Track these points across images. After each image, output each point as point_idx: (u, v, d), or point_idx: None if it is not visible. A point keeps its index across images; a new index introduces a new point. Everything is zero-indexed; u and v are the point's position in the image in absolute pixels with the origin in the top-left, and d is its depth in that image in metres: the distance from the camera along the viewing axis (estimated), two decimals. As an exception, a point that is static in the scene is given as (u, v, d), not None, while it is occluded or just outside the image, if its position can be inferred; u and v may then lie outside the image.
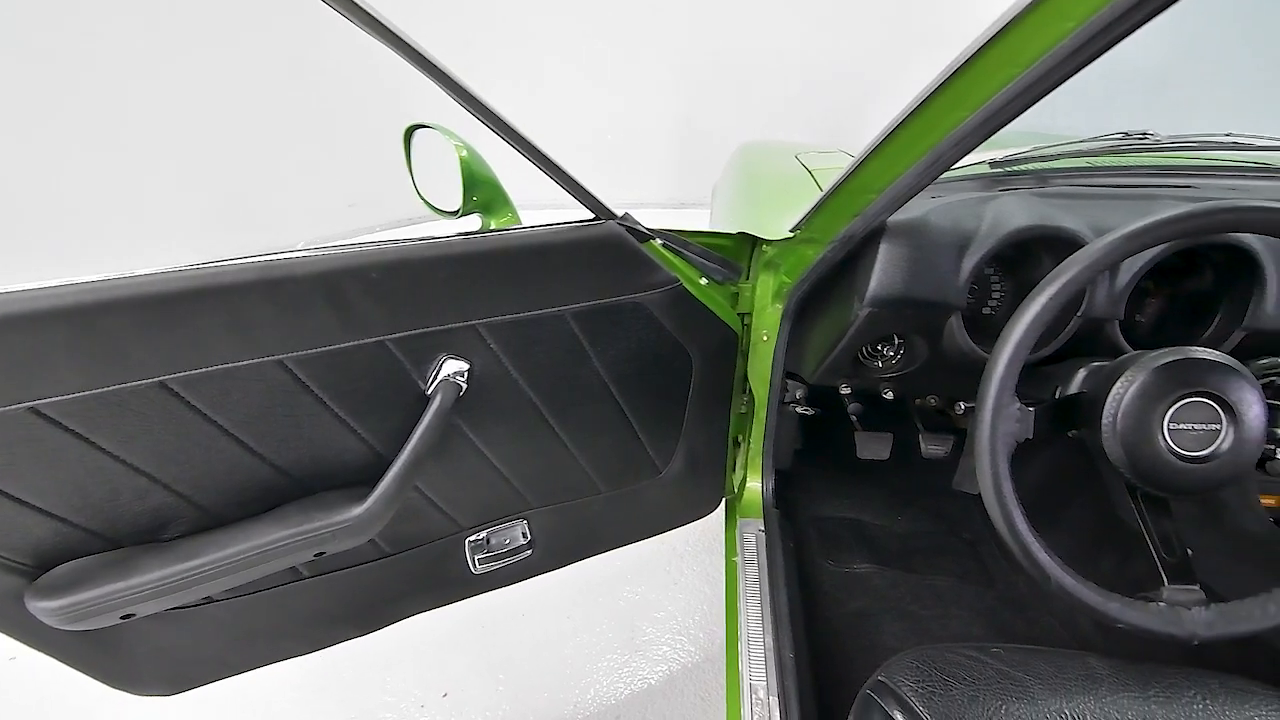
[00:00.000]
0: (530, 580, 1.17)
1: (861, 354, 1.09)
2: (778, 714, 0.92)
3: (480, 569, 1.09)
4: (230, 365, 0.71)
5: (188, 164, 3.66)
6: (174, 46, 3.48)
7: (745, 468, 1.35)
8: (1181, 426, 0.71)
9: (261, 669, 0.99)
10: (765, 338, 1.17)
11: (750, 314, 1.17)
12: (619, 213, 0.90)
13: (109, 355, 0.65)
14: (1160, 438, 0.71)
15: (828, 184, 0.90)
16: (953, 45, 0.57)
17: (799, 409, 1.34)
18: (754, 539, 1.26)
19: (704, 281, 1.06)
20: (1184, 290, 0.98)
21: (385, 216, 4.30)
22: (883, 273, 0.89)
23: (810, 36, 4.35)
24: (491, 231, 0.83)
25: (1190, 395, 0.70)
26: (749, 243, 1.12)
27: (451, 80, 0.68)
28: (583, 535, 1.21)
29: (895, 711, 0.73)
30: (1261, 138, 1.05)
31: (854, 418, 1.40)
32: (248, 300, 0.70)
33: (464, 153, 0.87)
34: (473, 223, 0.91)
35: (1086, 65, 0.47)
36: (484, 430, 0.95)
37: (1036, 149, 1.08)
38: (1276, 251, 0.86)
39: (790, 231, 0.99)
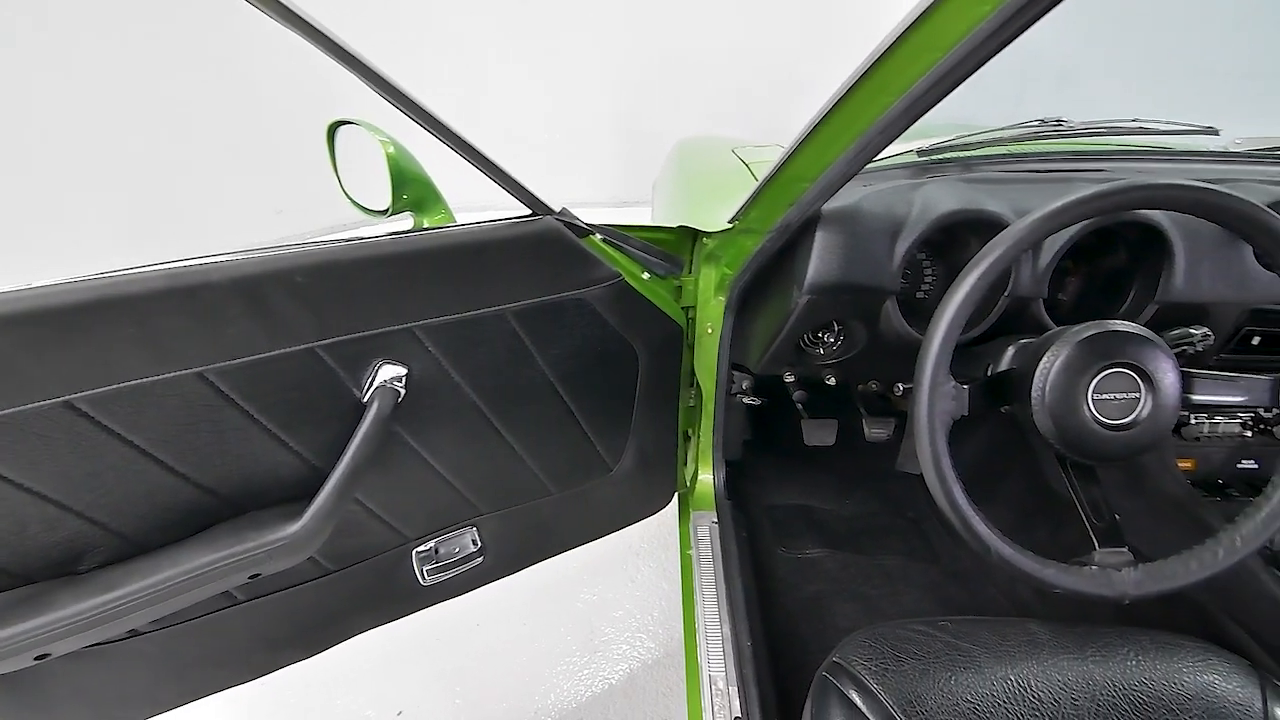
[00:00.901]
0: (483, 588, 1.14)
1: (803, 342, 1.11)
2: (737, 703, 0.93)
3: (429, 580, 1.05)
4: (143, 380, 0.67)
5: (91, 171, 3.42)
6: (77, 41, 3.25)
7: (696, 461, 1.35)
8: (1104, 396, 0.74)
9: (198, 702, 0.94)
10: (710, 330, 1.17)
11: (694, 307, 1.17)
12: (556, 208, 0.89)
13: (2, 376, 0.60)
14: (1085, 408, 0.74)
15: (764, 175, 0.91)
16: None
17: (746, 400, 1.35)
18: (707, 531, 1.26)
19: (646, 276, 1.06)
20: (1101, 268, 1.03)
21: (317, 222, 4.13)
22: (819, 260, 0.90)
23: (746, 35, 4.42)
24: (424, 230, 0.81)
25: (1111, 366, 0.74)
26: (690, 236, 1.12)
27: (376, 75, 0.65)
28: (535, 539, 1.19)
29: (851, 691, 0.74)
30: (1163, 122, 1.12)
31: (799, 406, 1.42)
32: (158, 310, 0.65)
33: (391, 149, 0.84)
34: (404, 222, 0.88)
35: (1002, 49, 0.49)
36: (426, 436, 0.92)
37: (960, 137, 1.12)
38: (1183, 228, 0.91)
39: (729, 223, 0.99)
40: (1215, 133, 1.14)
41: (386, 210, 0.87)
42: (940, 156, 1.09)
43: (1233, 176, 1.05)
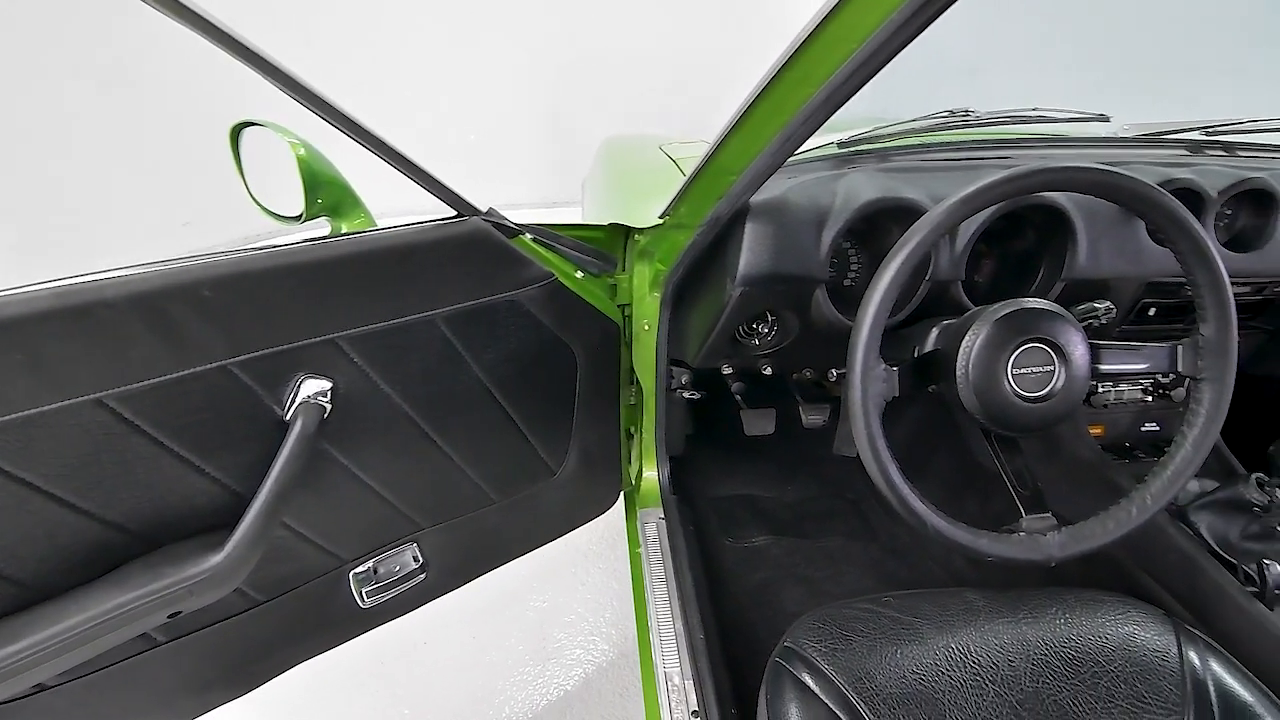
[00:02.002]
0: (428, 605, 1.10)
1: (739, 333, 1.12)
2: (693, 696, 0.93)
3: (370, 602, 1.01)
4: (33, 411, 0.61)
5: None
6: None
7: (640, 458, 1.35)
8: (1022, 371, 0.78)
9: None
10: (646, 327, 1.17)
11: (629, 304, 1.17)
12: (483, 208, 0.86)
13: None
14: (1006, 383, 0.78)
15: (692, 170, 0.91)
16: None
17: (686, 394, 1.36)
18: (655, 528, 1.26)
19: (580, 275, 1.04)
20: (1011, 250, 1.08)
21: (231, 234, 3.90)
22: (750, 252, 0.91)
23: (670, 33, 4.45)
24: (343, 236, 0.77)
25: (1027, 342, 0.78)
26: (622, 233, 1.11)
27: (282, 72, 0.61)
28: (480, 550, 1.16)
29: (803, 674, 0.76)
30: (1061, 110, 1.19)
31: (738, 397, 1.44)
32: (45, 332, 0.59)
33: (301, 151, 0.80)
34: (321, 229, 0.83)
35: (913, 39, 0.51)
36: (357, 452, 0.88)
37: (876, 129, 1.15)
38: (1083, 209, 0.97)
39: (660, 218, 0.99)
40: (1106, 119, 1.22)
41: (300, 216, 0.83)
42: (859, 148, 1.12)
43: (1123, 160, 1.12)
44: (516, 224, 0.92)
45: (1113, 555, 0.83)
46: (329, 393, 0.79)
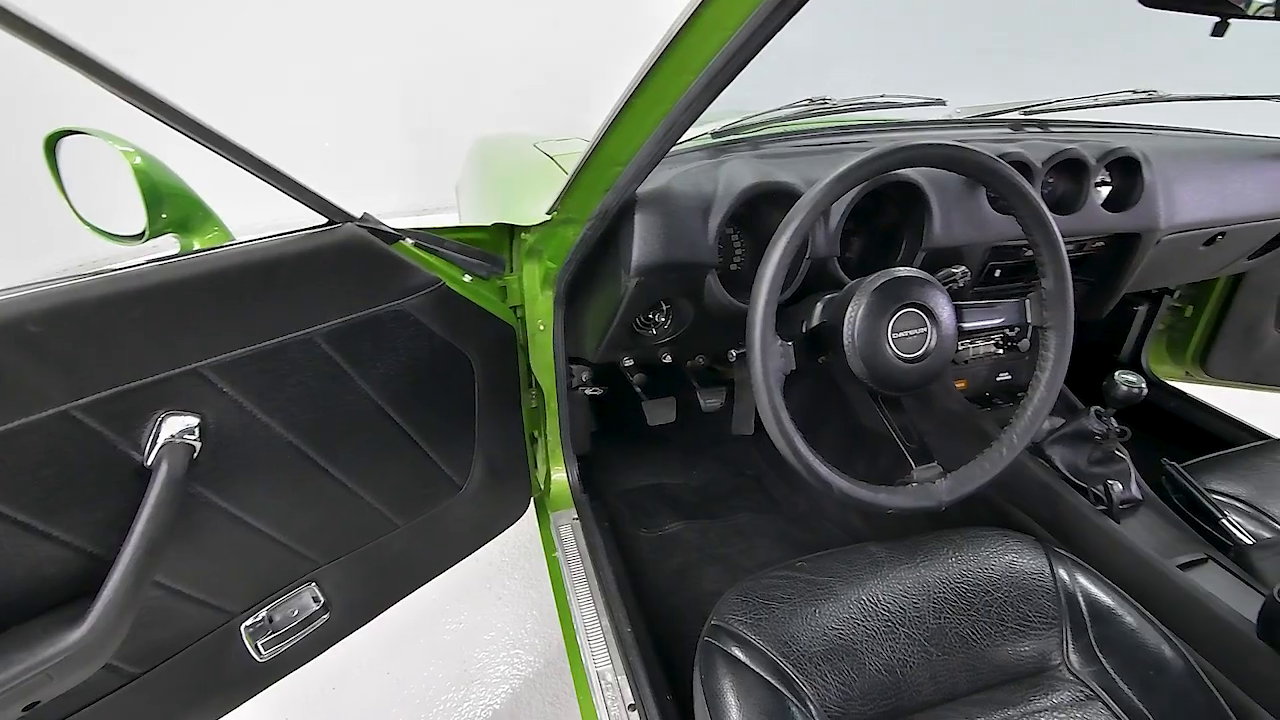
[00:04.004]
0: (335, 647, 1.02)
1: (636, 324, 1.13)
2: (628, 690, 0.93)
3: (268, 655, 0.92)
4: None
5: None
6: None
7: (547, 461, 1.33)
8: (900, 334, 0.84)
9: None
10: (541, 327, 1.15)
11: (522, 305, 1.14)
12: (356, 213, 0.81)
13: None
14: (887, 346, 0.84)
15: (571, 167, 0.90)
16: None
17: (588, 391, 1.35)
18: (569, 529, 1.25)
19: (468, 279, 1.00)
20: (876, 226, 1.17)
21: (57, 260, 3.38)
22: (642, 242, 0.92)
23: (535, 32, 4.38)
24: (196, 253, 0.69)
25: (903, 308, 0.84)
26: (507, 233, 1.08)
27: (109, 71, 0.53)
28: (387, 579, 1.09)
29: (733, 648, 0.78)
30: (904, 96, 1.29)
31: (638, 389, 1.45)
32: None
33: (137, 160, 0.71)
34: (168, 247, 0.74)
35: (788, 21, 0.53)
36: (237, 492, 0.80)
37: (745, 118, 1.20)
38: (935, 184, 1.06)
39: (546, 215, 0.98)
40: (943, 103, 1.34)
41: (142, 234, 0.73)
42: (731, 137, 1.16)
43: (960, 138, 1.24)
44: (394, 229, 0.87)
45: (985, 494, 0.93)
46: (197, 429, 0.71)
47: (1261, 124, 1.43)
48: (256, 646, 0.90)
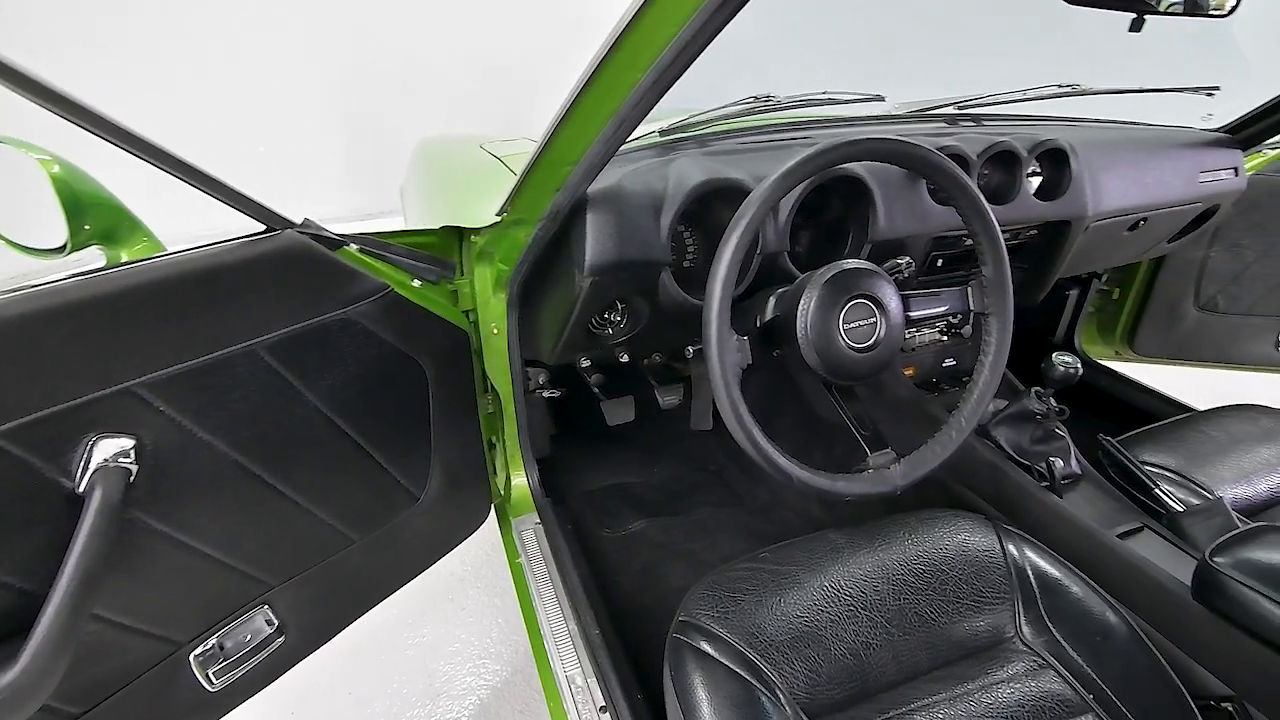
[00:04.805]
0: (293, 670, 0.99)
1: (592, 324, 1.12)
2: (599, 692, 0.92)
3: (220, 684, 0.88)
4: None
5: None
6: None
7: (506, 466, 1.31)
8: (851, 325, 0.86)
9: None
10: (495, 330, 1.13)
11: (474, 309, 1.12)
12: (297, 219, 0.78)
13: None
14: (840, 337, 0.86)
15: (520, 167, 0.89)
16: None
17: (545, 394, 1.34)
18: (532, 534, 1.23)
19: (417, 284, 0.98)
20: (823, 220, 1.19)
21: None
22: (595, 241, 0.92)
23: (475, 32, 4.31)
24: (125, 265, 0.65)
25: (852, 299, 0.86)
26: (456, 236, 1.06)
27: (27, 78, 0.50)
28: (345, 597, 1.05)
29: (701, 643, 0.78)
30: (845, 93, 1.32)
31: (596, 389, 1.45)
32: None
33: (55, 169, 0.66)
34: (94, 259, 0.70)
35: (736, 14, 0.53)
36: (179, 515, 0.76)
37: (692, 116, 1.21)
38: (878, 178, 1.09)
39: (497, 215, 0.96)
40: (881, 99, 1.37)
41: (64, 247, 0.69)
42: (679, 135, 1.17)
43: (899, 133, 1.28)
44: (337, 234, 0.84)
45: (937, 476, 0.96)
46: (132, 452, 0.67)
47: (1172, 115, 1.52)
48: (207, 676, 0.86)
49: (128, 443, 0.67)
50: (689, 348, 1.27)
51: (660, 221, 0.96)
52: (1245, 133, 1.44)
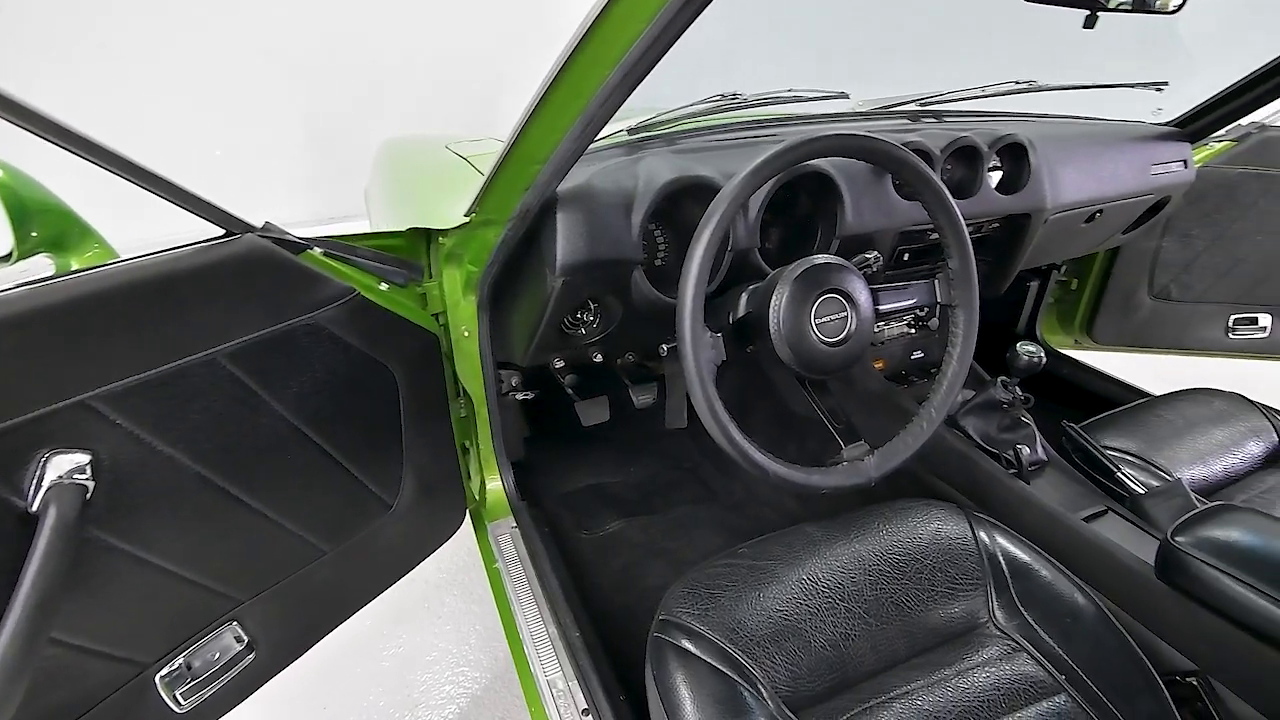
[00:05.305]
0: (265, 687, 0.96)
1: (565, 324, 1.11)
2: (581, 695, 0.92)
3: (188, 705, 0.85)
4: None
5: None
6: None
7: (481, 471, 1.29)
8: (823, 320, 0.87)
9: None
10: (466, 333, 1.12)
11: (444, 312, 1.10)
12: (258, 223, 0.75)
13: None
14: (812, 332, 0.86)
15: (487, 167, 0.88)
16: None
17: (518, 396, 1.32)
18: (509, 538, 1.22)
19: (384, 287, 0.96)
20: (793, 217, 1.20)
21: None
22: (566, 240, 0.91)
23: (436, 33, 4.25)
24: (75, 273, 0.63)
25: (823, 293, 0.87)
26: (423, 238, 1.05)
27: None
28: (317, 610, 1.03)
29: (682, 641, 0.78)
30: (811, 90, 1.33)
31: (570, 390, 1.44)
32: None
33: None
34: (42, 268, 0.67)
35: (701, 12, 0.53)
36: (140, 532, 0.73)
37: (660, 115, 1.20)
38: (845, 174, 1.10)
39: (465, 216, 0.95)
40: (846, 96, 1.39)
41: (9, 255, 0.66)
42: (648, 133, 1.17)
43: (865, 130, 1.30)
44: (300, 238, 0.82)
45: (909, 466, 0.97)
46: (88, 467, 0.65)
47: (1124, 110, 1.57)
48: (175, 697, 0.83)
49: (83, 458, 0.64)
50: (663, 346, 1.27)
51: (631, 220, 0.96)
52: (1193, 126, 1.50)
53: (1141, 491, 1.08)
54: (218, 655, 0.88)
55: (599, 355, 1.24)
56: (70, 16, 3.39)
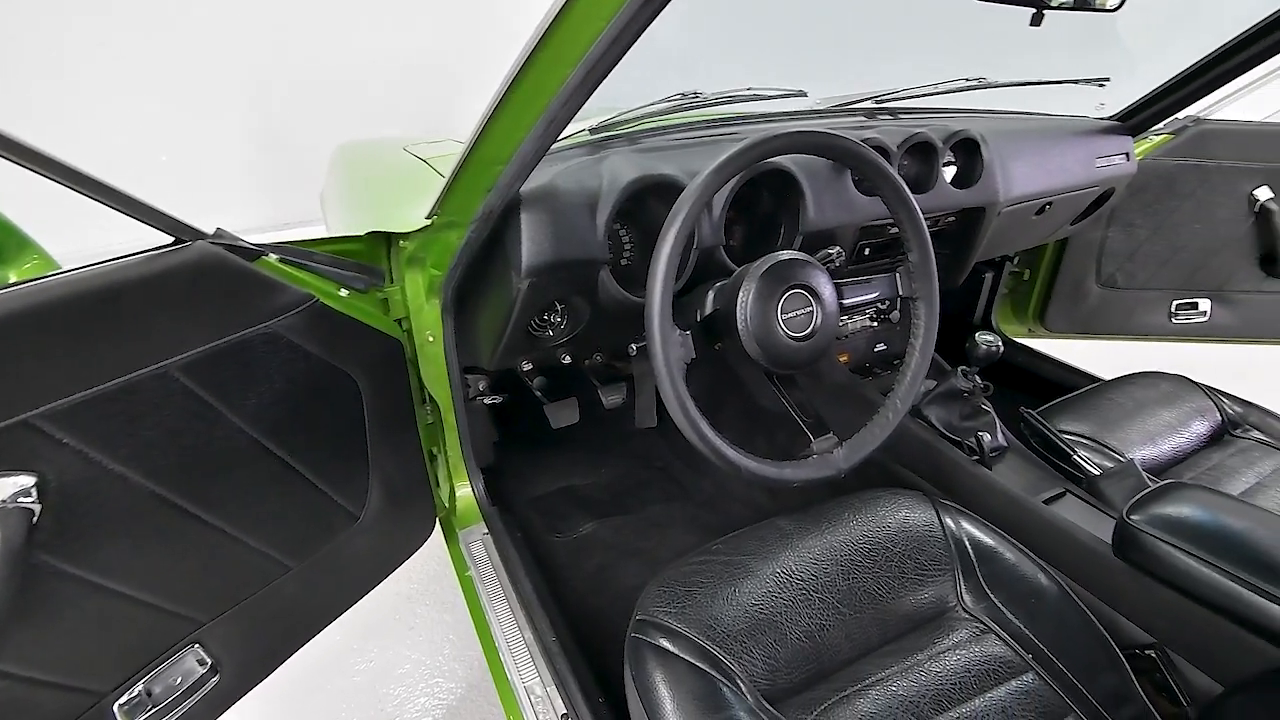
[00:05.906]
0: (231, 710, 0.93)
1: (532, 326, 1.10)
2: (559, 700, 0.91)
3: None
4: None
5: None
6: None
7: (450, 478, 1.27)
8: (789, 315, 0.88)
9: None
10: (430, 338, 1.10)
11: (407, 317, 1.08)
12: (209, 230, 0.73)
13: None
14: (779, 327, 0.87)
15: (446, 169, 0.86)
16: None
17: (486, 400, 1.31)
18: (480, 544, 1.20)
19: (344, 293, 0.94)
20: (756, 214, 1.21)
21: None
22: (530, 241, 0.90)
23: (389, 33, 4.16)
24: (12, 286, 0.60)
25: (789, 289, 0.88)
26: (383, 242, 1.02)
27: None
28: (283, 627, 1.00)
29: (660, 640, 0.78)
30: (769, 89, 1.35)
31: (539, 393, 1.43)
32: None
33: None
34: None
35: (661, 10, 0.53)
36: (92, 555, 0.70)
37: (621, 114, 1.20)
38: (806, 171, 1.12)
39: (426, 219, 0.93)
40: (804, 94, 1.41)
41: (-63, 269, 0.62)
42: (609, 133, 1.16)
43: (823, 127, 1.32)
44: (254, 244, 0.80)
45: (876, 457, 0.99)
46: (34, 490, 0.61)
47: (1068, 104, 1.63)
48: (134, 726, 0.80)
49: (28, 480, 0.61)
50: (632, 345, 1.27)
51: (596, 220, 0.95)
52: (1134, 120, 1.56)
53: (1097, 473, 1.12)
54: (180, 680, 0.85)
55: (567, 357, 1.23)
56: (9, 16, 3.23)
